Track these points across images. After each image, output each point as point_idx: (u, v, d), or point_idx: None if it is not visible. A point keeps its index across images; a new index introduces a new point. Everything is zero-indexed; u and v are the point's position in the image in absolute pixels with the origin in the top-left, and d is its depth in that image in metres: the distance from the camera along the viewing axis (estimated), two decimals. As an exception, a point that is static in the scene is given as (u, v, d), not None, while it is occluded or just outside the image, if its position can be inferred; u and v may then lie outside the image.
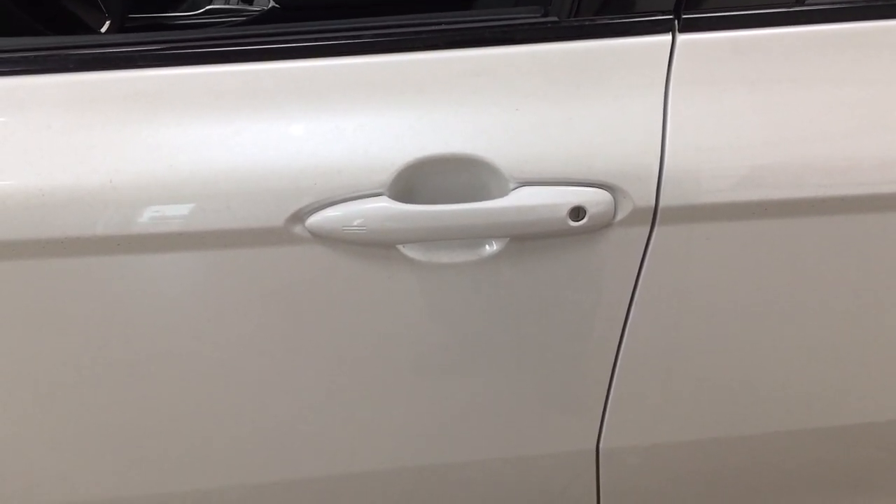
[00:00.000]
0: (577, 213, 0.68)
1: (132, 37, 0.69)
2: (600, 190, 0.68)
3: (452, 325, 0.76)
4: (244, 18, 1.55)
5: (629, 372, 0.79)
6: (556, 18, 0.68)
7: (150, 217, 0.66)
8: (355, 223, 0.67)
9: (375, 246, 0.70)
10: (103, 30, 1.16)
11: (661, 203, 0.68)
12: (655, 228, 0.70)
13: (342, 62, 0.67)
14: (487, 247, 0.71)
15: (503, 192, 0.68)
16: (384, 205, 0.67)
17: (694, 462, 0.89)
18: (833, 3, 0.69)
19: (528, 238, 0.70)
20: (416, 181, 0.68)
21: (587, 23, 0.68)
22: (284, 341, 0.75)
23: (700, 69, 0.67)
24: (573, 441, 0.86)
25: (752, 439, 0.87)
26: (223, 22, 1.55)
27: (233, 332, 0.74)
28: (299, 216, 0.67)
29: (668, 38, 0.67)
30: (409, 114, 0.67)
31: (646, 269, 0.72)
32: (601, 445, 0.86)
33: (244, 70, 0.67)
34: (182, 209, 0.66)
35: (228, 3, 1.61)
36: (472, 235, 0.70)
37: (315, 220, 0.67)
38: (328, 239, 0.68)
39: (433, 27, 0.68)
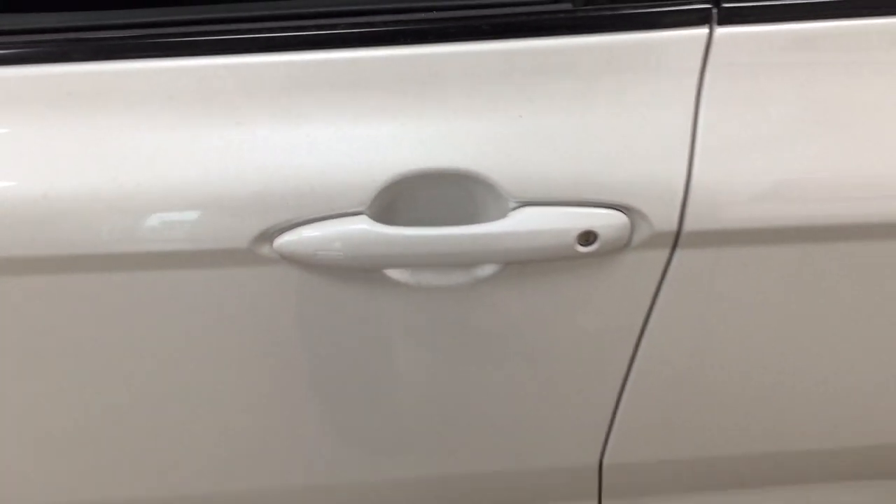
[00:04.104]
0: (587, 237, 0.58)
1: (54, 18, 0.58)
2: (615, 212, 0.58)
3: (444, 349, 0.68)
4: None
5: (637, 394, 0.72)
6: (569, 6, 0.56)
7: (89, 235, 0.57)
8: (331, 247, 0.58)
9: (355, 270, 0.61)
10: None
11: (685, 228, 0.58)
12: (676, 252, 0.61)
13: (312, 57, 0.56)
14: (482, 269, 0.62)
15: (501, 213, 0.58)
16: (364, 227, 0.58)
17: (698, 478, 0.84)
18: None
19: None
20: (399, 199, 0.58)
21: (606, 12, 0.56)
22: (256, 366, 0.68)
23: (740, 71, 0.56)
24: (576, 456, 0.80)
25: (766, 457, 0.81)
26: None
27: (198, 357, 0.67)
28: (267, 236, 0.59)
29: (703, 31, 0.56)
30: (391, 121, 0.57)
31: (662, 294, 0.63)
32: (605, 461, 0.80)
33: (197, 66, 0.56)
34: (127, 227, 0.58)
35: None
36: (466, 263, 0.61)
37: (284, 240, 0.58)
38: (300, 261, 0.59)
39: (419, 17, 0.56)
